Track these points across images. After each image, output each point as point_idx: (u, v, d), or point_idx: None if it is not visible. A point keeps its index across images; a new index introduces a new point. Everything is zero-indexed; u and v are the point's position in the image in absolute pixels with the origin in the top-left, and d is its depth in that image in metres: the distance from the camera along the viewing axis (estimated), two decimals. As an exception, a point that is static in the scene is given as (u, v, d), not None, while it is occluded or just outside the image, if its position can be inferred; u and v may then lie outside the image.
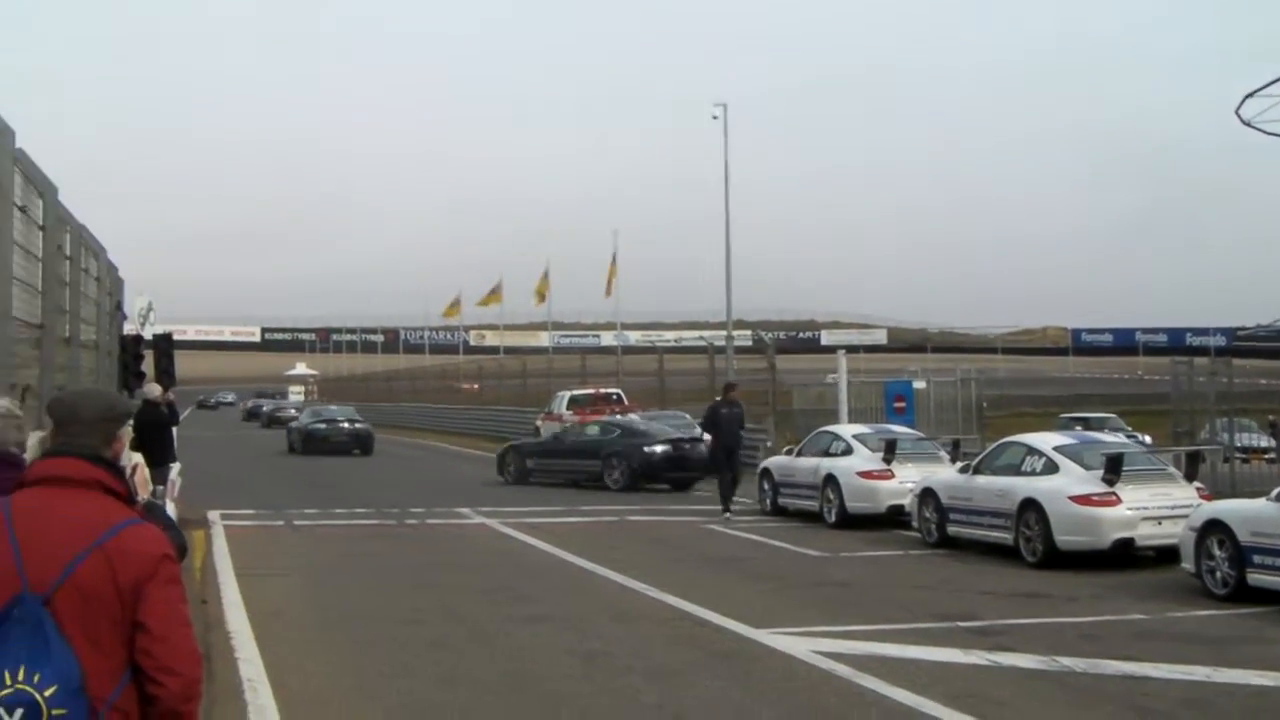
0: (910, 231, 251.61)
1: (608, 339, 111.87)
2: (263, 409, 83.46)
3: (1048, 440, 19.84)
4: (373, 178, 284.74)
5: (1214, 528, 15.19)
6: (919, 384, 34.98)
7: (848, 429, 25.92)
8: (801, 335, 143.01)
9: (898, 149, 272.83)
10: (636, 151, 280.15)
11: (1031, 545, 18.11)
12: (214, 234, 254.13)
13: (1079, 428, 30.52)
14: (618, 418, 37.39)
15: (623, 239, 77.10)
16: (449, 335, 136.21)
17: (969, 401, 34.22)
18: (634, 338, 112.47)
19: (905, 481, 22.21)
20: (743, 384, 31.10)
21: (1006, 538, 18.69)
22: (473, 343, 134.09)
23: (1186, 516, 16.18)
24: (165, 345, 24.71)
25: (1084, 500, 17.65)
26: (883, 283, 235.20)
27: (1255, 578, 14.60)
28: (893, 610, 14.58)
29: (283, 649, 12.18)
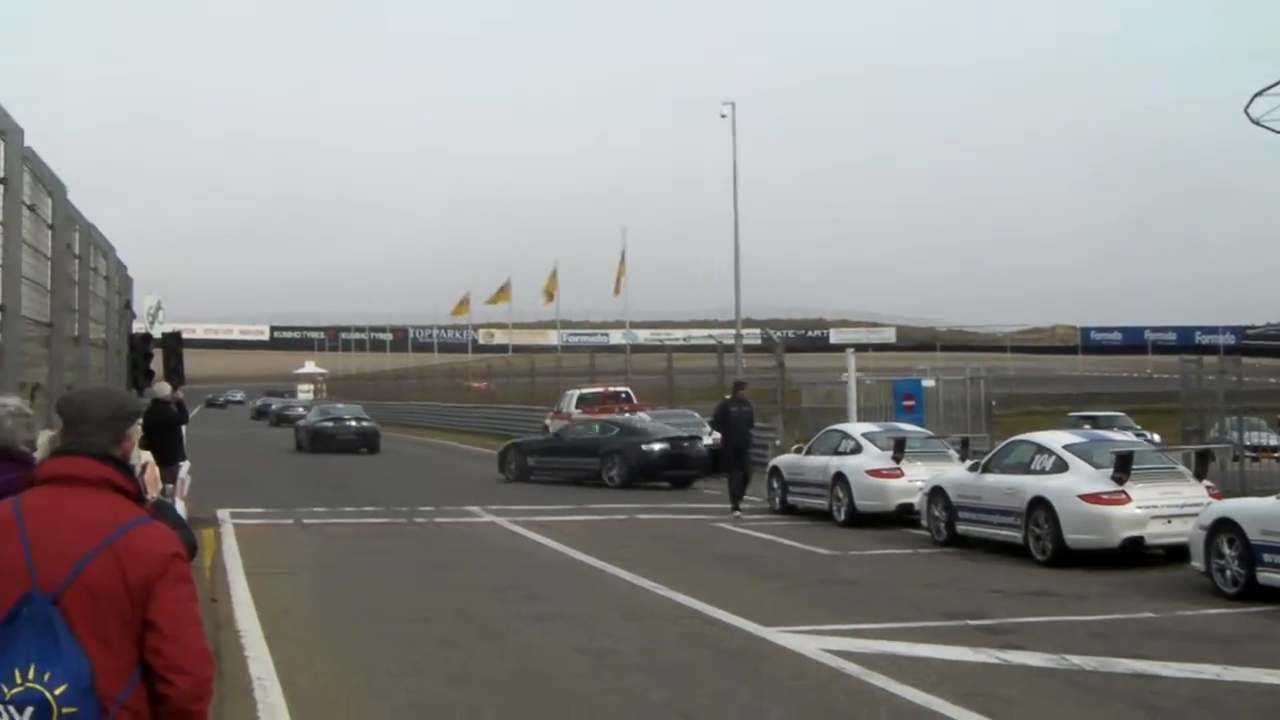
0: (918, 230, 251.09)
1: (616, 337, 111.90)
2: (271, 407, 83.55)
3: (1057, 439, 19.83)
4: (379, 177, 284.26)
5: (1224, 526, 15.17)
6: (928, 382, 34.93)
7: (857, 427, 25.92)
8: (810, 334, 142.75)
9: (902, 148, 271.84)
10: (644, 150, 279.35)
11: (1041, 544, 18.09)
12: (220, 233, 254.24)
13: (1088, 426, 30.45)
14: (616, 416, 37.56)
15: (631, 238, 76.79)
16: (457, 334, 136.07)
17: (978, 400, 34.16)
18: (643, 336, 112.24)
19: (914, 480, 22.20)
20: (751, 382, 31.12)
21: (1016, 536, 18.67)
22: (481, 341, 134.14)
23: (1196, 515, 16.15)
24: (174, 344, 24.72)
25: (1093, 499, 17.63)
26: (891, 281, 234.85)
27: (1265, 576, 14.58)
28: (902, 608, 14.57)
29: (292, 647, 12.19)
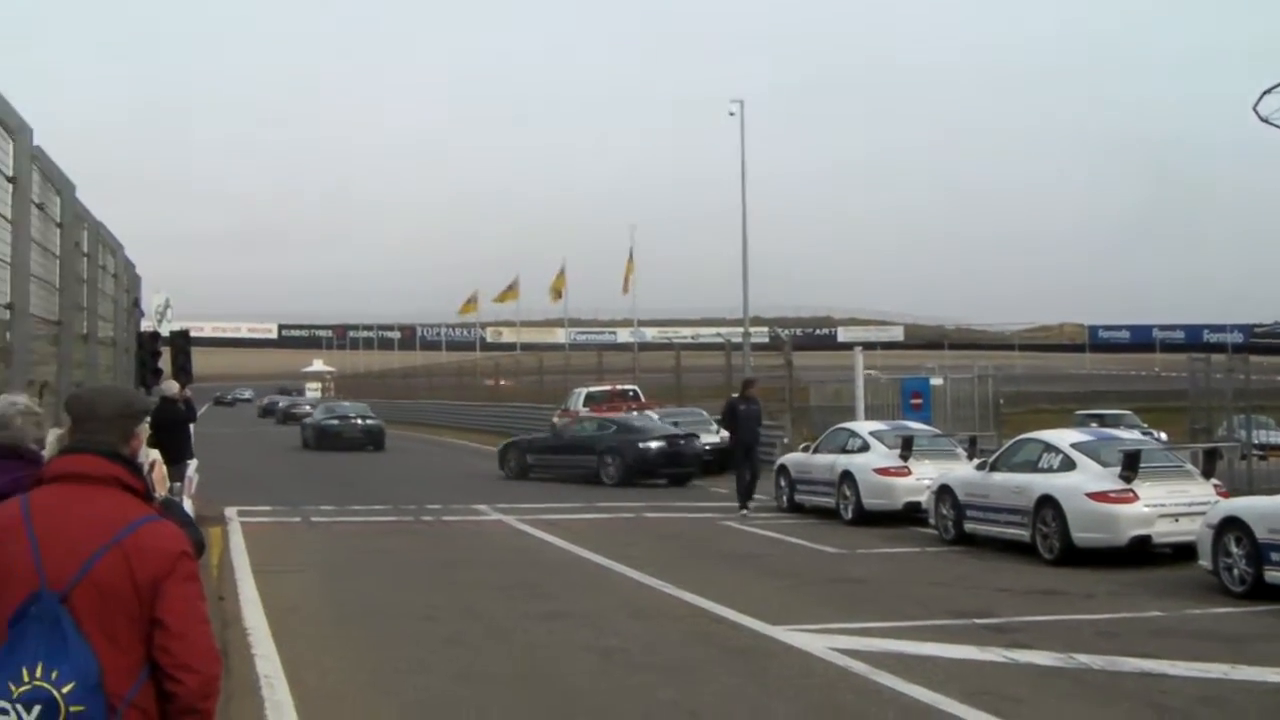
0: (924, 229, 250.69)
1: (624, 336, 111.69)
2: (278, 405, 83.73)
3: (1065, 437, 19.81)
4: (385, 176, 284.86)
5: (1231, 525, 15.14)
6: (936, 381, 34.91)
7: (864, 426, 25.89)
8: (818, 332, 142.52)
9: (905, 147, 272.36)
10: (651, 149, 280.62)
11: (1048, 542, 18.07)
12: (227, 232, 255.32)
13: (1095, 424, 30.47)
14: (614, 415, 37.75)
15: (639, 236, 76.97)
16: (465, 332, 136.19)
17: (986, 398, 34.14)
18: (650, 334, 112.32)
19: (922, 478, 22.19)
20: (759, 381, 31.04)
21: (1023, 535, 18.66)
22: (489, 340, 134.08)
23: (1204, 513, 16.12)
24: (182, 342, 24.76)
25: (1101, 497, 17.61)
26: (898, 280, 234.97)
27: (1273, 575, 14.55)
28: (909, 607, 14.56)
29: (299, 645, 12.20)
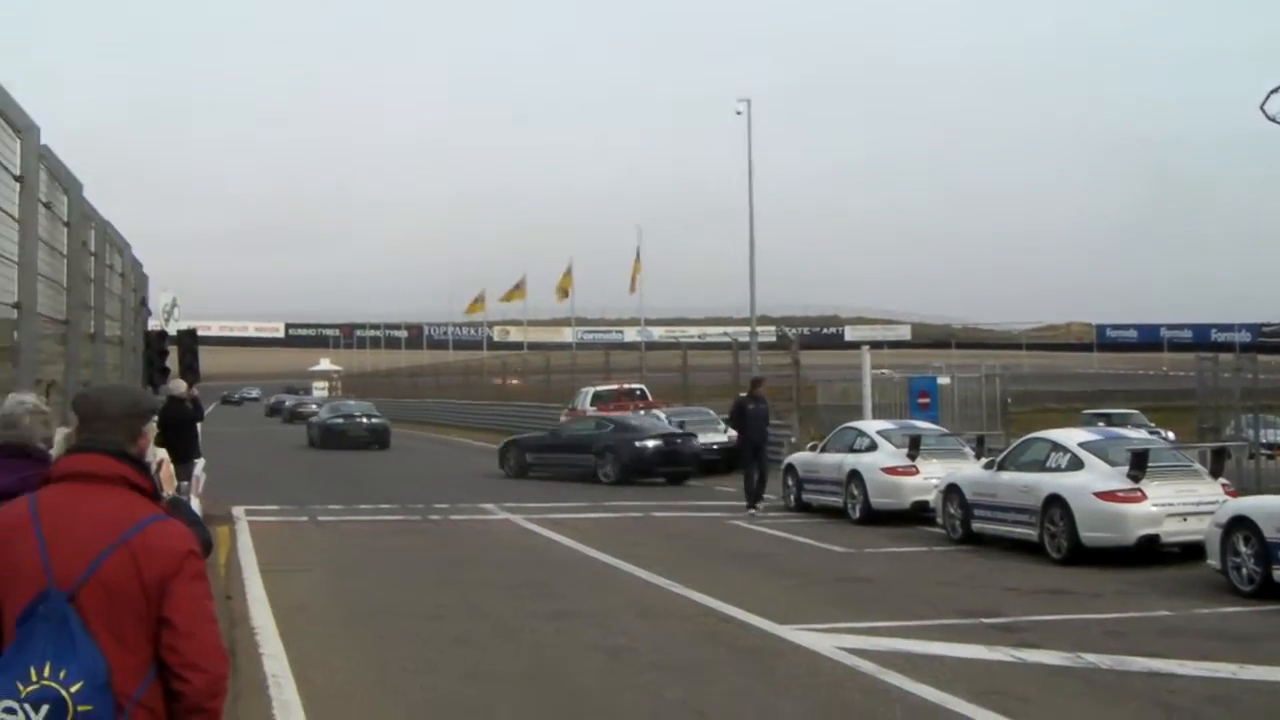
0: (931, 228, 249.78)
1: (631, 335, 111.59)
2: (285, 404, 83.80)
3: (1073, 436, 19.78)
4: (385, 176, 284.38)
5: (1239, 524, 15.12)
6: (943, 380, 34.88)
7: (872, 425, 25.88)
8: (825, 331, 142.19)
9: (908, 147, 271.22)
10: (658, 148, 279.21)
11: (1056, 541, 18.05)
12: (233, 231, 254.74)
13: (1101, 423, 30.42)
14: (612, 414, 38.01)
15: (646, 235, 76.86)
16: (472, 331, 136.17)
17: (993, 397, 34.09)
18: (658, 333, 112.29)
19: (930, 478, 22.16)
20: (767, 380, 31.03)
21: (1031, 534, 18.64)
22: (496, 339, 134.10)
23: (1212, 513, 16.10)
24: (189, 341, 24.76)
25: (1109, 496, 17.59)
26: (904, 279, 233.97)
27: (1282, 574, 14.55)
28: (917, 606, 14.55)
29: (307, 644, 12.21)
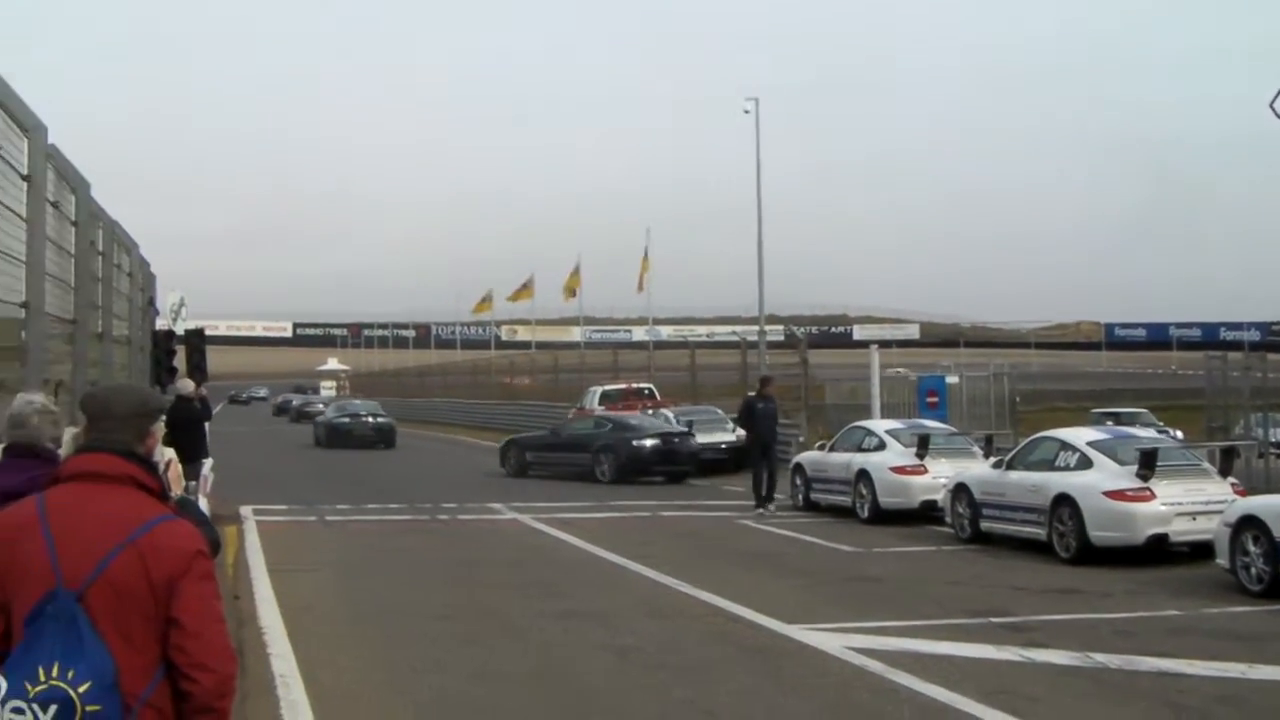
0: (933, 228, 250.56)
1: (639, 334, 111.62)
2: (291, 404, 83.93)
3: (1081, 435, 19.75)
4: (385, 176, 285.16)
5: (1249, 523, 15.08)
6: (952, 379, 34.88)
7: (880, 424, 25.85)
8: (833, 330, 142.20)
9: (909, 147, 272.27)
10: (654, 149, 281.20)
11: (1065, 541, 18.02)
12: (227, 231, 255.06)
13: (1110, 423, 30.40)
14: (610, 413, 38.18)
15: (654, 234, 76.94)
16: (480, 330, 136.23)
17: (1002, 396, 34.12)
18: (666, 333, 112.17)
19: (938, 477, 22.14)
20: (775, 379, 31.00)
21: (1040, 533, 18.60)
22: (504, 338, 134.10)
23: (1221, 512, 16.07)
24: (197, 340, 24.73)
25: (1118, 495, 17.55)
26: (910, 278, 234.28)
27: (1291, 574, 14.51)
28: (926, 606, 14.53)
29: (315, 644, 12.20)
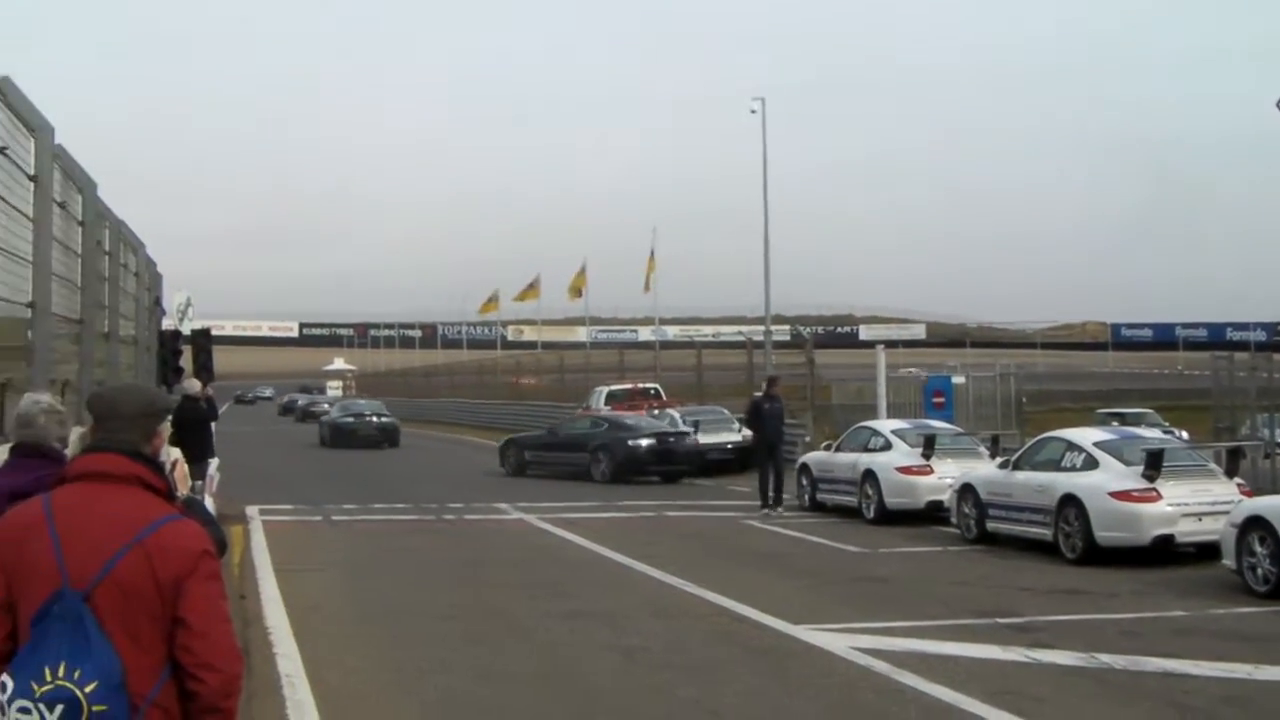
0: (938, 228, 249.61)
1: (645, 334, 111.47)
2: (297, 404, 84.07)
3: (1088, 436, 19.73)
4: (385, 176, 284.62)
5: (1255, 524, 15.07)
6: (958, 379, 34.85)
7: (887, 424, 25.83)
8: (839, 330, 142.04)
9: (916, 145, 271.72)
10: (654, 149, 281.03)
11: (1071, 541, 18.00)
12: (227, 231, 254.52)
13: (1115, 423, 30.36)
14: (608, 413, 38.26)
15: (660, 234, 76.77)
16: (486, 330, 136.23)
17: (1008, 397, 34.09)
18: (672, 333, 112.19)
19: (944, 477, 22.11)
20: (782, 379, 30.97)
21: (1046, 534, 18.59)
22: (510, 338, 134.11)
23: (1227, 513, 16.05)
24: (203, 340, 24.78)
25: (1124, 496, 17.54)
26: (915, 278, 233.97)
27: (1297, 575, 14.49)
28: (931, 606, 14.52)
29: (321, 644, 12.22)
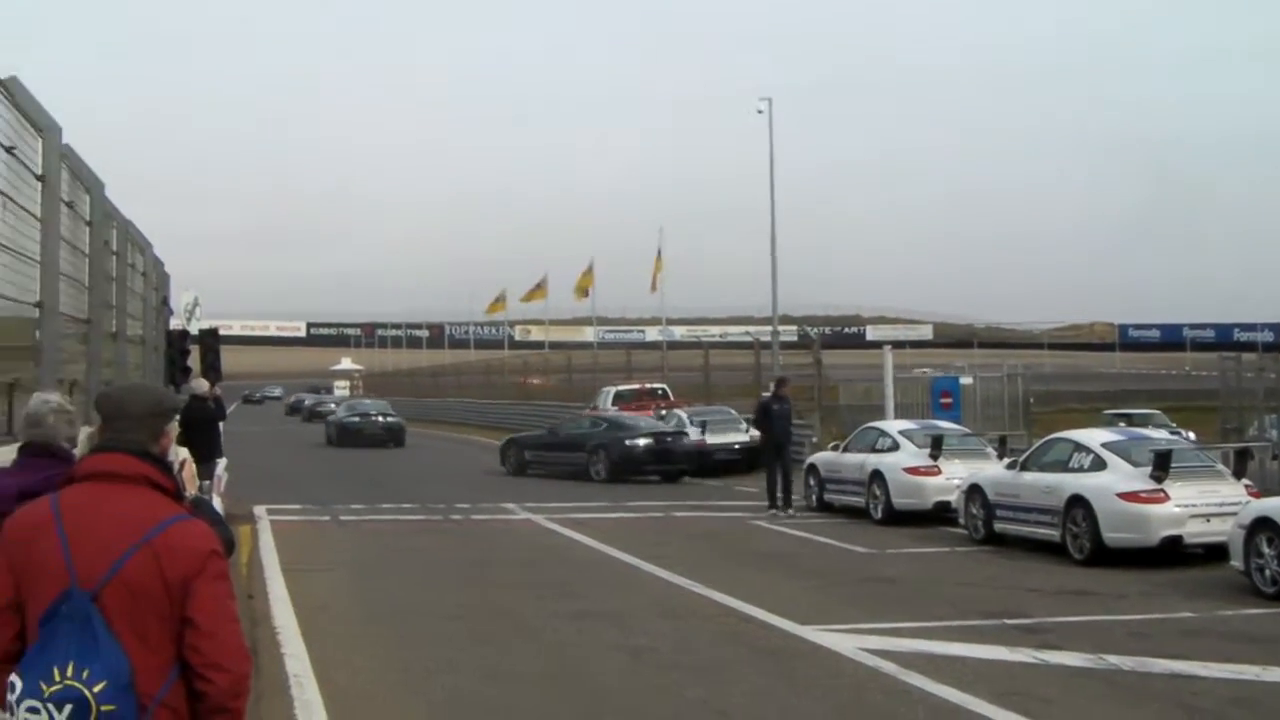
0: (937, 227, 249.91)
1: (653, 334, 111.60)
2: (304, 403, 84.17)
3: (1095, 437, 19.71)
4: (385, 175, 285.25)
5: (1263, 525, 15.04)
6: (965, 380, 34.82)
7: (894, 425, 25.82)
8: (847, 330, 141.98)
9: (916, 145, 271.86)
10: (654, 149, 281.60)
11: (1079, 542, 17.98)
12: (233, 231, 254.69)
13: (1122, 424, 30.33)
14: (606, 413, 38.37)
15: (667, 234, 76.87)
16: (493, 330, 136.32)
17: (1016, 397, 34.05)
18: (679, 333, 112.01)
19: (952, 478, 22.08)
20: (790, 379, 30.92)
21: (1054, 535, 18.57)
22: (518, 338, 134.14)
23: (1235, 514, 16.03)
24: (211, 340, 24.76)
25: (1132, 497, 17.51)
26: (919, 278, 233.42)
27: (1306, 576, 14.47)
28: (939, 607, 14.51)
29: (329, 644, 12.22)
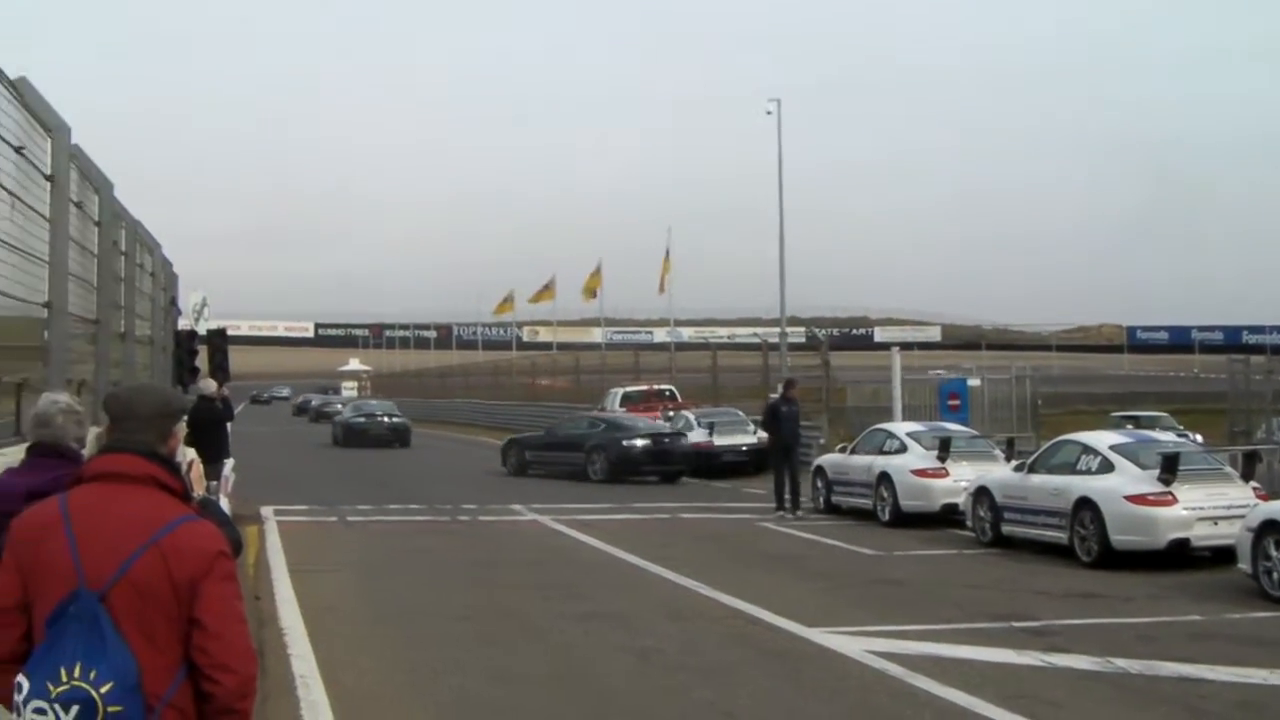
0: (940, 228, 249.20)
1: (660, 335, 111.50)
2: (311, 404, 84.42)
3: (1103, 439, 19.68)
4: (385, 175, 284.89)
5: (1271, 528, 15.02)
6: (973, 381, 34.77)
7: (902, 427, 25.78)
8: (855, 332, 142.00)
9: (917, 146, 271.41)
10: (654, 149, 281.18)
11: (1086, 545, 17.96)
12: (233, 231, 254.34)
13: (1130, 426, 30.30)
14: (605, 414, 38.60)
15: (675, 235, 76.84)
16: (501, 331, 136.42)
17: (1023, 399, 34.01)
18: (687, 334, 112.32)
19: (959, 480, 22.06)
20: (798, 381, 30.90)
21: (1061, 537, 18.55)
22: (525, 339, 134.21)
23: (1243, 516, 15.99)
24: (219, 340, 24.79)
25: (1140, 500, 17.49)
26: (934, 278, 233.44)
27: (1314, 579, 14.45)
28: (946, 610, 14.50)
29: (335, 645, 12.23)
